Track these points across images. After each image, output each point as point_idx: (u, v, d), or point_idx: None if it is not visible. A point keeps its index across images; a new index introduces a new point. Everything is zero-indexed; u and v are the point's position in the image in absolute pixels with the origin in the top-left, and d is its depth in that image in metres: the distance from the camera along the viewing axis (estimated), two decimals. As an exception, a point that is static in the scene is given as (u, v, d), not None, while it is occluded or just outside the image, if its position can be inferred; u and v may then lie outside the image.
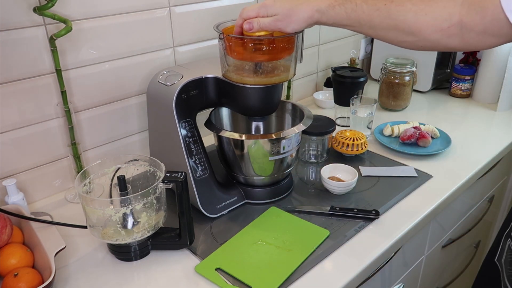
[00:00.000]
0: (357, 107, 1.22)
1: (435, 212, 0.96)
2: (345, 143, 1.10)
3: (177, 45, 1.10)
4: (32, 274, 0.71)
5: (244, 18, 0.77)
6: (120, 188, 0.78)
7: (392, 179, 1.04)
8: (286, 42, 0.80)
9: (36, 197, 0.98)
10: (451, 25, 0.65)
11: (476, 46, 0.66)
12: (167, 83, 0.88)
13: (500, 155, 1.19)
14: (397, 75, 1.40)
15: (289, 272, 0.75)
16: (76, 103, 0.97)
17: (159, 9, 1.03)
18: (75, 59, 0.93)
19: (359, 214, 0.90)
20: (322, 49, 1.54)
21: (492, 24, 0.61)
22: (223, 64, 0.86)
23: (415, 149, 1.15)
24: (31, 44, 0.86)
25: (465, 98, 1.54)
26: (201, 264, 0.78)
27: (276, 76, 0.83)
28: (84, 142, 1.01)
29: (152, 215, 0.78)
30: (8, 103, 0.87)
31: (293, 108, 1.02)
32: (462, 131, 1.28)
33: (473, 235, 1.43)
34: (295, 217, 0.90)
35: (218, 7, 1.15)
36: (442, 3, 0.65)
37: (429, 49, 0.72)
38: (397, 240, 0.85)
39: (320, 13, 0.73)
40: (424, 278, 1.21)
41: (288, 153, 0.92)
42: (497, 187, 1.44)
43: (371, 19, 0.70)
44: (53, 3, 0.80)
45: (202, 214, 0.89)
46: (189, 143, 0.88)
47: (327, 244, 0.82)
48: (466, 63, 1.60)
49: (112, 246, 0.80)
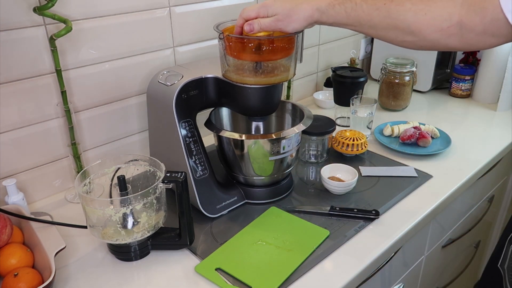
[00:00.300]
0: (357, 107, 1.22)
1: (435, 212, 0.96)
2: (345, 143, 1.10)
3: (177, 45, 1.10)
4: (32, 274, 0.71)
5: (245, 18, 0.77)
6: (120, 188, 0.78)
7: (392, 179, 1.04)
8: (286, 42, 0.80)
9: (36, 197, 0.98)
10: (450, 25, 0.65)
11: (475, 46, 0.66)
12: (167, 83, 0.88)
13: (500, 155, 1.19)
14: (397, 75, 1.40)
15: (289, 272, 0.75)
16: (76, 103, 0.97)
17: (159, 9, 1.03)
18: (75, 59, 0.93)
19: (359, 214, 0.90)
20: (322, 49, 1.54)
21: (491, 25, 0.61)
22: (223, 64, 0.86)
23: (415, 149, 1.15)
24: (31, 44, 0.86)
25: (465, 98, 1.54)
26: (201, 264, 0.78)
27: (276, 76, 0.83)
28: (84, 142, 1.01)
29: (152, 215, 0.78)
30: (8, 103, 0.87)
31: (293, 108, 1.02)
32: (462, 131, 1.28)
33: (473, 235, 1.43)
34: (295, 217, 0.90)
35: (218, 7, 1.15)
36: (441, 3, 0.65)
37: (429, 49, 0.72)
38: (397, 240, 0.85)
39: (320, 12, 0.73)
40: (424, 278, 1.21)
41: (288, 153, 0.92)
42: (497, 187, 1.44)
43: (370, 19, 0.70)
44: (53, 3, 0.80)
45: (202, 214, 0.89)
46: (189, 143, 0.88)
47: (327, 244, 0.82)
48: (466, 63, 1.60)
49: (112, 246, 0.80)
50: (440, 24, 0.65)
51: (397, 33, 0.70)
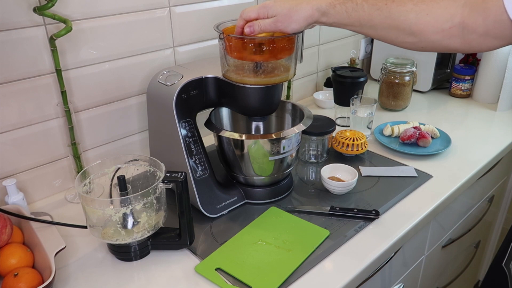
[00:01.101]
0: (357, 107, 1.22)
1: (435, 212, 0.96)
2: (345, 143, 1.10)
3: (177, 45, 1.10)
4: (32, 274, 0.71)
5: (245, 19, 0.77)
6: (120, 188, 0.78)
7: (392, 179, 1.04)
8: (286, 42, 0.80)
9: (36, 197, 0.98)
10: (452, 26, 0.64)
11: (477, 48, 0.66)
12: (167, 83, 0.88)
13: (500, 155, 1.19)
14: (397, 75, 1.40)
15: (289, 272, 0.75)
16: (76, 103, 0.97)
17: (159, 9, 1.03)
18: (75, 59, 0.93)
19: (359, 214, 0.90)
20: (322, 49, 1.54)
21: (494, 26, 0.61)
22: (223, 64, 0.86)
23: (415, 149, 1.15)
24: (31, 44, 0.86)
25: (465, 98, 1.54)
26: (201, 264, 0.78)
27: (276, 76, 0.83)
28: (84, 142, 1.01)
29: (152, 215, 0.78)
30: (8, 103, 0.87)
31: (293, 108, 1.02)
32: (462, 131, 1.28)
33: (473, 235, 1.43)
34: (295, 217, 0.90)
35: (218, 7, 1.15)
36: (443, 4, 0.65)
37: (430, 50, 0.71)
38: (397, 240, 0.85)
39: (321, 12, 0.73)
40: (424, 278, 1.21)
41: (288, 153, 0.92)
42: (497, 187, 1.44)
43: (371, 19, 0.70)
44: (53, 3, 0.80)
45: (202, 214, 0.89)
46: (189, 143, 0.88)
47: (327, 244, 0.82)
48: (466, 63, 1.60)
49: (112, 246, 0.80)
50: (442, 25, 0.65)
51: (398, 34, 0.70)
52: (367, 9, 0.70)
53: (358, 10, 0.70)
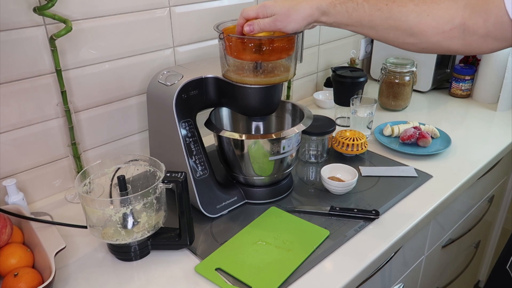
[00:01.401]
0: (357, 107, 1.22)
1: (435, 212, 0.96)
2: (345, 143, 1.10)
3: (177, 45, 1.10)
4: (32, 274, 0.71)
5: (245, 18, 0.77)
6: (120, 188, 0.78)
7: (392, 179, 1.04)
8: (286, 42, 0.80)
9: (36, 197, 0.98)
10: (453, 27, 0.64)
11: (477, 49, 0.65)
12: (167, 83, 0.88)
13: (500, 155, 1.19)
14: (397, 75, 1.40)
15: (289, 272, 0.75)
16: (76, 103, 0.97)
17: (159, 9, 1.03)
18: (75, 59, 0.93)
19: (359, 214, 0.89)
20: (322, 49, 1.54)
21: (495, 27, 0.60)
22: (223, 64, 0.86)
23: (415, 149, 1.15)
24: (31, 44, 0.86)
25: (465, 98, 1.54)
26: (201, 264, 0.78)
27: (276, 76, 0.83)
28: (84, 142, 1.01)
29: (152, 215, 0.78)
30: (8, 103, 0.87)
31: (293, 108, 1.02)
32: (462, 131, 1.28)
33: (473, 235, 1.43)
34: (295, 217, 0.90)
35: (218, 7, 1.15)
36: (444, 5, 0.64)
37: (431, 52, 0.71)
38: (397, 240, 0.85)
39: (321, 11, 0.73)
40: (424, 278, 1.21)
41: (288, 153, 0.92)
42: (497, 187, 1.44)
43: (372, 19, 0.70)
44: (53, 3, 0.80)
45: (202, 214, 0.89)
46: (189, 143, 0.88)
47: (327, 244, 0.82)
48: (466, 63, 1.60)
49: (112, 246, 0.80)
50: (443, 26, 0.64)
51: (398, 35, 0.69)
52: (367, 9, 0.69)
53: (358, 10, 0.70)
